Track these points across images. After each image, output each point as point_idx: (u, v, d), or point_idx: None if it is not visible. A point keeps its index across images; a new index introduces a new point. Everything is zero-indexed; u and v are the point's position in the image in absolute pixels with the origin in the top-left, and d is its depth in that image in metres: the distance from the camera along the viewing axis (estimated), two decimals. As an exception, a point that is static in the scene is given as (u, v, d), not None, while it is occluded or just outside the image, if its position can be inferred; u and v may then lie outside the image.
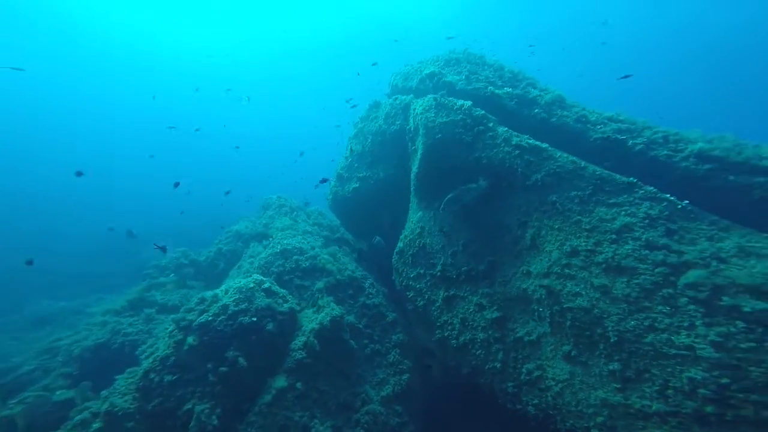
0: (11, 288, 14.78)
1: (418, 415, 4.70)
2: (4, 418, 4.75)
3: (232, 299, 4.16)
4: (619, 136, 4.35)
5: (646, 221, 3.38)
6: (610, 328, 2.99)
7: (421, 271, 5.39)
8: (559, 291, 3.50)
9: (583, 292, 3.31)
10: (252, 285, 4.42)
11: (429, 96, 5.95)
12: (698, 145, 3.83)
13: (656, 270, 3.03)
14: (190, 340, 3.81)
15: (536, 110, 5.11)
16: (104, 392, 4.15)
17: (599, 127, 4.59)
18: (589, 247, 3.52)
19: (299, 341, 4.25)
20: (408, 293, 5.49)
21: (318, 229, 8.89)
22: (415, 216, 5.96)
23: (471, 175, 5.15)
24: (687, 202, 3.40)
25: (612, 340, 2.95)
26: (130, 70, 50.02)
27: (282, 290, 4.81)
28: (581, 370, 3.10)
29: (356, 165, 7.51)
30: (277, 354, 4.16)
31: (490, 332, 4.22)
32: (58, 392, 5.09)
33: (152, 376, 3.60)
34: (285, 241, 6.29)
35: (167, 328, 4.25)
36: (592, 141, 4.55)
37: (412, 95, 6.93)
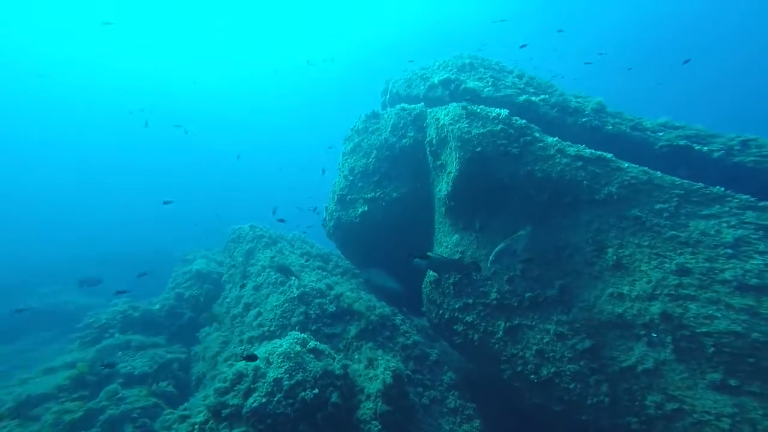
0: None
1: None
2: None
3: (282, 370, 3.40)
4: (690, 144, 4.50)
5: (761, 232, 3.44)
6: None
7: (470, 301, 5.03)
8: (681, 314, 3.39)
9: (719, 314, 3.23)
10: (298, 348, 3.69)
11: (454, 104, 5.73)
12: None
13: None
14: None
15: (584, 119, 5.15)
16: None
17: (661, 134, 4.74)
18: (702, 265, 3.48)
19: (367, 409, 3.61)
20: (455, 327, 5.09)
21: (311, 261, 8.13)
22: (449, 240, 5.61)
23: (522, 191, 4.98)
24: None
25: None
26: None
27: (324, 346, 4.12)
28: (756, 402, 2.96)
29: (360, 185, 6.99)
30: (344, 428, 3.47)
31: (582, 363, 3.98)
32: None
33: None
34: (301, 283, 5.51)
35: (188, 418, 3.33)
36: (658, 149, 4.66)
37: (422, 104, 6.67)
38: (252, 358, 3.56)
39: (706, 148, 4.48)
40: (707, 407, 3.10)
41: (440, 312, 5.27)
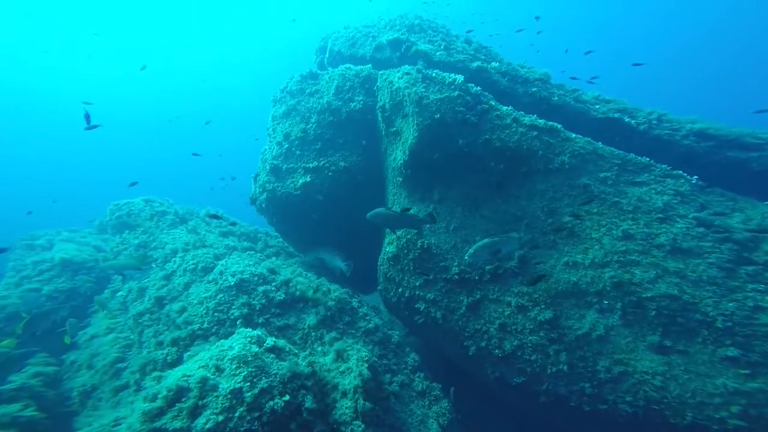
0: None
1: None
2: None
3: (240, 378, 2.78)
4: (624, 117, 4.90)
5: (678, 198, 3.92)
6: (711, 313, 3.34)
7: (430, 277, 4.93)
8: (629, 280, 3.71)
9: (658, 279, 3.59)
10: (255, 348, 3.08)
11: (408, 67, 5.38)
12: (698, 125, 4.68)
13: (724, 247, 3.55)
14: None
15: (534, 89, 5.26)
16: None
17: (598, 106, 5.08)
18: (642, 230, 3.83)
19: (345, 408, 3.24)
20: (416, 305, 4.97)
21: (236, 241, 7.16)
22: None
23: (480, 160, 4.95)
24: (696, 177, 4.10)
25: (718, 325, 3.30)
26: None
27: (282, 342, 3.56)
28: (681, 359, 3.37)
29: (299, 153, 6.25)
30: (319, 438, 3.05)
31: (542, 333, 4.18)
32: None
33: None
34: (232, 269, 4.70)
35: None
36: (595, 120, 5.00)
37: (369, 65, 6.14)
38: None
39: (633, 121, 5.03)
40: (645, 368, 3.49)
41: (399, 290, 5.06)
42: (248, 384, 2.75)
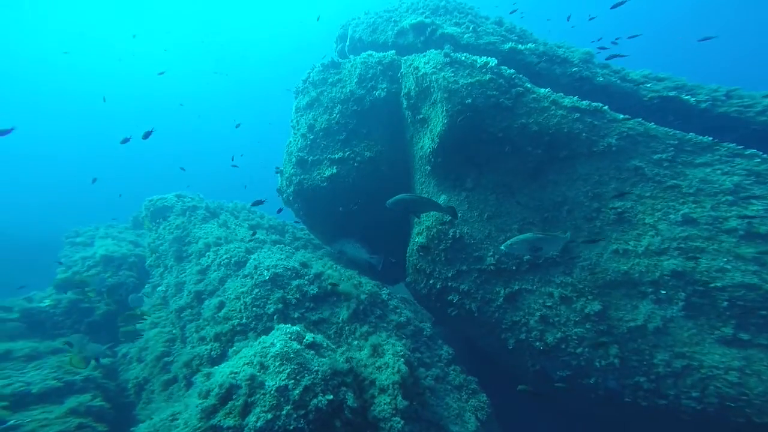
0: None
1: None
2: None
3: (285, 375, 2.77)
4: (681, 95, 4.53)
5: (753, 178, 3.58)
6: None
7: (464, 268, 4.80)
8: (693, 268, 3.45)
9: (730, 266, 3.32)
10: (295, 345, 3.06)
11: (434, 51, 5.15)
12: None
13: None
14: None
15: (574, 69, 4.92)
16: None
17: (648, 85, 4.72)
18: (707, 214, 3.53)
19: (384, 404, 3.19)
20: (449, 297, 4.85)
21: (264, 234, 7.21)
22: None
23: (515, 145, 4.71)
24: None
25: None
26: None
27: (319, 337, 3.54)
28: (764, 354, 3.11)
29: (323, 144, 6.16)
30: (362, 431, 3.03)
31: (588, 326, 3.99)
32: None
33: None
34: (266, 263, 4.71)
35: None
36: (647, 100, 4.64)
37: (393, 51, 5.93)
38: None
39: (693, 99, 4.62)
40: (715, 362, 3.24)
41: (430, 282, 4.96)
42: (292, 381, 2.74)
